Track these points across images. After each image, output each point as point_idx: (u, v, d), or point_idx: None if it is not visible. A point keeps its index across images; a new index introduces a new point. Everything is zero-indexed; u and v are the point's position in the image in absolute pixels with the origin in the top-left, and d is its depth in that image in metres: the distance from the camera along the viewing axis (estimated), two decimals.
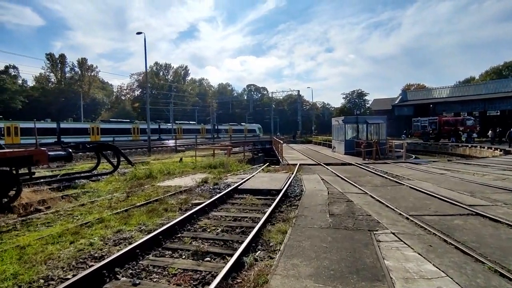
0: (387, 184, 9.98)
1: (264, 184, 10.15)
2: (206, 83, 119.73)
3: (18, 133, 38.41)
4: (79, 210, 7.29)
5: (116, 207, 7.48)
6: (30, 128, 39.62)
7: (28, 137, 38.28)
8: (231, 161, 15.69)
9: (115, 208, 7.44)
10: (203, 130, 67.44)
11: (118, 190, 9.80)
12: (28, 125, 40.07)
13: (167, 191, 9.27)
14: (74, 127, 44.45)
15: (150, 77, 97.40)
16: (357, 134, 23.01)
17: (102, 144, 15.03)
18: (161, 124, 59.48)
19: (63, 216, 6.88)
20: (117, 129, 49.43)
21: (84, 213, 7.07)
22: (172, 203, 7.80)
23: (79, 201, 8.41)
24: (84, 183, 11.63)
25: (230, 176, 12.34)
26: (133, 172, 12.29)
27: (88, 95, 79.73)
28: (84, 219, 6.49)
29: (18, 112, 61.72)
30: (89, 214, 6.98)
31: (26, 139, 38.14)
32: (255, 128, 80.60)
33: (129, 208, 7.19)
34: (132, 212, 6.87)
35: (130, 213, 6.82)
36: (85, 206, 7.66)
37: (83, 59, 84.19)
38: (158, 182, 11.08)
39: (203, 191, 9.45)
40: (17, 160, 7.56)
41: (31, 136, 38.57)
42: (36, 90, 75.12)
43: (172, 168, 14.54)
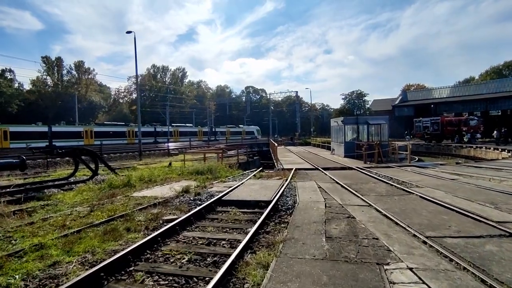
0: (393, 193, 8.70)
1: (253, 193, 8.88)
2: (205, 85, 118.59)
3: (8, 137, 37.12)
4: (23, 231, 6.00)
5: (71, 226, 6.21)
6: (20, 132, 38.45)
7: (19, 141, 37.05)
8: (221, 166, 14.43)
9: (68, 227, 6.17)
10: (201, 133, 66.25)
11: (85, 202, 8.53)
12: (19, 129, 38.89)
13: (140, 204, 8.00)
14: (67, 131, 43.18)
15: (147, 80, 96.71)
16: (357, 135, 21.75)
17: (76, 149, 13.76)
18: (157, 127, 58.25)
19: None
20: (112, 132, 48.20)
21: (28, 235, 5.79)
22: (139, 220, 6.53)
23: (32, 218, 7.13)
24: (53, 193, 10.38)
25: (217, 184, 11.07)
26: (109, 180, 11.01)
27: (85, 98, 78.74)
28: (21, 244, 5.22)
29: (14, 116, 60.49)
30: (32, 236, 5.70)
31: (16, 143, 36.88)
32: (253, 130, 79.39)
33: (84, 228, 5.92)
34: (85, 234, 5.60)
35: (82, 234, 5.55)
36: (33, 225, 6.38)
37: (80, 62, 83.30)
38: (135, 191, 9.81)
39: (182, 203, 8.19)
40: None
41: (22, 140, 37.40)
42: (32, 94, 74.04)
43: (156, 175, 13.30)
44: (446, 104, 50.02)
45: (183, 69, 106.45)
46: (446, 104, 50.04)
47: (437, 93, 57.36)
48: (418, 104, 54.46)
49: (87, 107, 78.94)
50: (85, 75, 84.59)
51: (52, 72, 77.96)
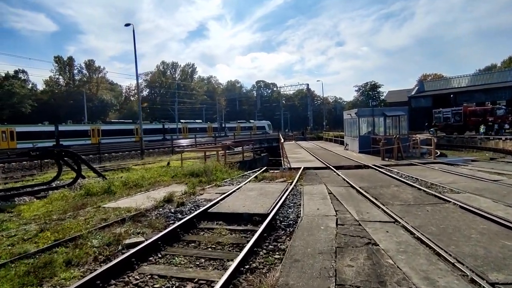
0: (424, 201, 6.90)
1: (248, 202, 7.26)
2: (215, 81, 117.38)
3: (14, 138, 36.73)
4: None
5: (2, 257, 4.77)
6: (27, 132, 38.04)
7: (26, 141, 36.57)
8: (219, 166, 12.86)
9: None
10: (210, 129, 64.89)
11: (45, 217, 7.10)
12: (25, 129, 38.50)
13: (105, 219, 6.50)
14: (74, 130, 42.65)
15: (157, 76, 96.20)
16: (373, 128, 19.76)
17: (52, 151, 12.43)
18: (166, 124, 57.24)
19: None
20: (119, 130, 47.44)
21: None
22: (91, 246, 5.02)
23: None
24: (23, 201, 9.08)
25: (210, 189, 9.50)
26: (87, 187, 9.60)
27: (96, 97, 78.76)
28: None
29: (27, 116, 60.76)
30: None
31: (23, 143, 36.42)
32: (265, 125, 77.55)
33: (9, 262, 4.46)
34: (5, 271, 4.13)
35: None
36: None
37: (91, 61, 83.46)
38: (111, 201, 8.34)
39: (158, 217, 6.65)
40: None
41: (29, 140, 36.95)
42: (45, 94, 74.64)
43: (148, 177, 11.88)
44: (467, 94, 46.90)
45: (192, 65, 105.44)
46: (466, 94, 46.91)
47: (456, 82, 54.01)
48: (436, 94, 51.45)
49: (99, 105, 78.96)
50: (96, 74, 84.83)
51: (64, 71, 78.45)
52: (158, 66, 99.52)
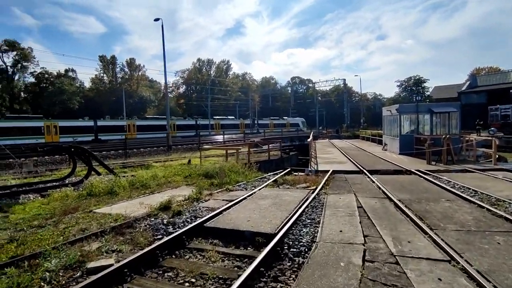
0: (490, 226, 5.09)
1: (255, 215, 5.93)
2: (249, 77, 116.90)
3: (57, 132, 38.55)
4: None
5: None
6: (68, 126, 39.83)
7: (68, 135, 38.33)
8: (237, 166, 11.63)
9: None
10: (242, 125, 64.16)
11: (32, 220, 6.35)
12: (67, 124, 40.34)
13: (84, 230, 5.54)
14: (111, 125, 44.03)
15: (193, 74, 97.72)
16: (416, 127, 17.39)
17: (59, 147, 11.99)
18: (199, 120, 57.50)
19: None
20: (154, 125, 48.28)
21: None
22: (45, 269, 4.03)
23: None
24: (26, 200, 8.54)
25: (218, 194, 8.29)
26: (89, 187, 8.86)
27: (136, 94, 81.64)
28: None
29: (75, 111, 64.39)
30: None
31: (65, 137, 38.18)
32: (298, 122, 75.34)
33: None
34: None
35: None
36: None
37: (131, 59, 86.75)
38: (107, 204, 7.44)
39: (147, 229, 5.56)
40: None
41: (70, 134, 38.69)
42: (91, 91, 78.94)
43: (160, 176, 11.02)
44: None
45: (227, 62, 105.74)
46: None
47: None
48: (491, 90, 46.08)
49: (138, 102, 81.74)
50: (136, 72, 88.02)
51: (107, 70, 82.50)
52: (194, 64, 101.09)
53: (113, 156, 22.26)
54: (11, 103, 61.45)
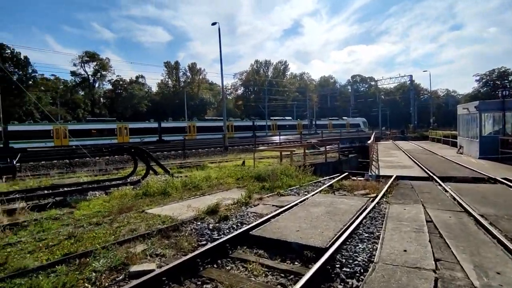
0: None
1: (305, 225, 5.43)
2: (307, 77, 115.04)
3: (128, 133, 42.26)
4: None
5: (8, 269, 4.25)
6: (136, 128, 43.41)
7: (136, 136, 41.87)
8: (291, 169, 11.15)
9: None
10: (300, 126, 63.10)
11: (92, 217, 6.75)
12: (135, 126, 44.00)
13: (135, 230, 5.64)
14: (173, 126, 46.81)
15: (251, 75, 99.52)
16: (502, 127, 14.92)
17: (121, 147, 12.77)
18: (256, 121, 58.14)
19: None
20: (212, 126, 50.12)
21: None
22: (93, 269, 4.10)
23: (3, 240, 5.60)
24: (92, 196, 9.23)
25: (268, 199, 7.93)
26: (145, 187, 9.24)
27: (197, 96, 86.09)
28: None
29: (143, 114, 70.40)
30: None
31: (134, 138, 41.74)
32: (359, 122, 71.52)
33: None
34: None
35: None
36: None
37: (193, 64, 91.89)
38: (159, 205, 7.61)
39: (192, 234, 5.45)
40: None
41: (138, 135, 42.19)
42: (157, 95, 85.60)
43: (213, 177, 11.11)
44: None
45: (284, 62, 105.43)
46: None
47: None
48: None
49: (199, 104, 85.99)
50: (197, 76, 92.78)
51: (171, 75, 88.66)
52: (252, 65, 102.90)
53: (173, 156, 23.46)
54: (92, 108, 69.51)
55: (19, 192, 9.89)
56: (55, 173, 14.68)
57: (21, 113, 52.81)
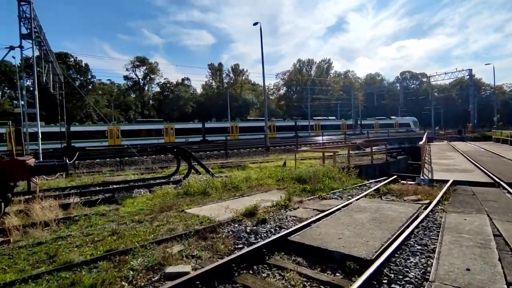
0: None
1: (349, 232, 5.01)
2: (352, 75, 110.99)
3: (173, 133, 44.08)
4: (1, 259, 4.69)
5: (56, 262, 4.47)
6: (181, 128, 45.10)
7: (181, 136, 43.56)
8: (333, 171, 10.61)
9: (40, 262, 4.52)
10: (344, 126, 60.96)
11: (135, 215, 6.97)
12: (181, 126, 45.74)
13: (173, 229, 5.66)
14: (216, 126, 47.83)
15: (293, 75, 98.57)
16: None
17: (165, 147, 13.11)
18: (298, 121, 57.31)
19: None
20: (254, 127, 50.37)
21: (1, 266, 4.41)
22: (130, 267, 4.15)
23: (57, 233, 5.97)
24: (138, 194, 9.63)
25: (310, 202, 7.56)
26: (186, 187, 9.38)
27: (240, 97, 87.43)
28: None
29: (189, 115, 73.29)
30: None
31: (179, 138, 43.45)
32: (409, 122, 67.06)
33: (51, 271, 4.01)
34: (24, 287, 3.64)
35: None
36: (26, 249, 5.07)
37: (236, 65, 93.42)
38: (198, 205, 7.64)
39: (229, 236, 5.33)
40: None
41: (183, 135, 43.84)
42: (202, 96, 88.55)
43: (254, 178, 11.00)
44: None
45: (328, 60, 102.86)
46: None
47: None
48: None
49: (242, 104, 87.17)
50: (240, 76, 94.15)
51: (215, 76, 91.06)
52: (294, 65, 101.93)
53: (215, 156, 23.88)
54: (142, 109, 73.91)
55: (74, 188, 10.69)
56: (107, 171, 15.71)
57: (82, 115, 57.91)
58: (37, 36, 17.42)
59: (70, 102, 50.29)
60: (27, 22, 16.29)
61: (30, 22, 16.19)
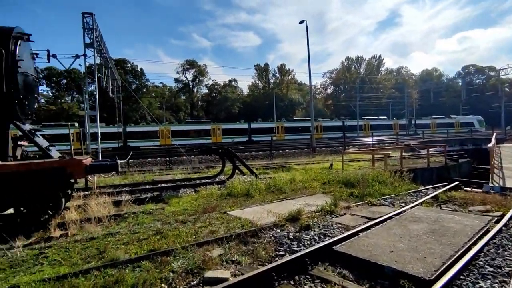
0: None
1: (402, 245, 4.51)
2: (406, 72, 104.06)
3: (220, 134, 45.17)
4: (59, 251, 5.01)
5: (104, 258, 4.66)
6: (228, 129, 46.03)
7: (227, 136, 44.52)
8: (384, 175, 9.84)
9: (91, 257, 4.72)
10: (396, 126, 57.28)
11: (179, 215, 7.11)
12: (227, 127, 46.71)
13: (215, 232, 5.61)
14: (262, 127, 47.98)
15: (341, 73, 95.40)
16: None
17: (210, 148, 13.22)
18: (346, 121, 55.23)
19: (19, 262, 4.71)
20: (300, 127, 49.62)
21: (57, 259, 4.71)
22: (171, 269, 4.15)
23: (108, 229, 6.28)
24: (183, 193, 9.88)
25: (358, 208, 7.03)
26: (230, 188, 9.38)
27: (286, 97, 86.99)
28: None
29: (235, 116, 74.80)
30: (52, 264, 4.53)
31: (226, 138, 44.45)
32: (473, 121, 60.79)
33: (97, 267, 4.17)
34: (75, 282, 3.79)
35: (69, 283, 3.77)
36: (80, 243, 5.37)
37: (282, 65, 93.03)
38: (241, 207, 7.55)
39: (270, 242, 5.12)
40: (46, 173, 6.20)
41: (229, 135, 44.74)
42: (248, 97, 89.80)
43: (298, 180, 10.71)
44: None
45: (378, 57, 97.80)
46: None
47: None
48: None
49: (288, 104, 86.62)
50: (286, 76, 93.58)
51: (261, 77, 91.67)
52: (342, 63, 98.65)
53: (260, 156, 23.88)
54: (191, 111, 77.11)
55: (127, 185, 11.33)
56: (157, 170, 16.50)
57: (137, 116, 62.17)
58: (98, 44, 18.95)
59: (127, 105, 54.19)
60: (90, 32, 17.80)
61: (92, 32, 17.66)
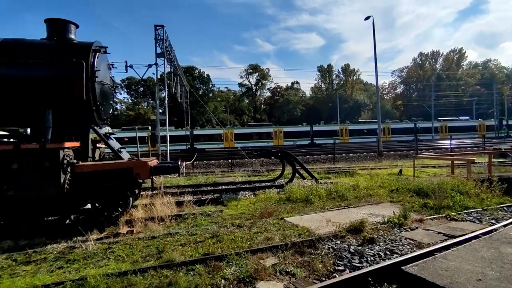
0: None
1: (493, 273, 3.70)
2: (494, 65, 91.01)
3: (282, 136, 45.11)
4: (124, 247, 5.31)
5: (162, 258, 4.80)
6: (290, 131, 45.73)
7: (289, 139, 44.31)
8: (468, 185, 8.48)
9: (150, 256, 4.90)
10: (482, 128, 50.34)
11: (237, 219, 7.07)
12: (289, 129, 46.43)
13: (270, 239, 5.39)
14: (324, 129, 46.51)
15: (413, 71, 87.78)
16: None
17: (269, 151, 12.94)
18: (418, 123, 50.42)
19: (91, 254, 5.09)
20: (366, 129, 46.89)
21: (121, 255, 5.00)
22: (223, 276, 4.06)
23: (168, 229, 6.52)
24: (242, 196, 9.90)
25: (433, 222, 6.11)
26: (288, 193, 9.08)
27: (351, 98, 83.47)
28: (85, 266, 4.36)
29: (298, 118, 74.24)
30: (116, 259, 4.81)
31: (287, 141, 44.31)
32: None
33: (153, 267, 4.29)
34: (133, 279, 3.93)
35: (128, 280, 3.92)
36: (143, 241, 5.63)
37: (346, 65, 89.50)
38: (299, 213, 7.20)
39: (330, 254, 4.72)
40: (116, 173, 6.73)
41: (291, 138, 44.46)
42: (311, 99, 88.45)
43: (362, 187, 9.93)
44: None
45: (459, 50, 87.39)
46: None
47: None
48: None
49: (353, 106, 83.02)
50: (351, 77, 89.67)
51: (324, 78, 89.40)
52: (414, 59, 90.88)
53: (322, 160, 23.06)
54: (254, 114, 78.69)
55: (190, 186, 11.82)
56: (219, 171, 17.01)
57: (203, 119, 65.72)
58: (168, 54, 20.42)
59: (194, 109, 57.59)
60: (161, 43, 19.26)
61: (163, 42, 19.07)
